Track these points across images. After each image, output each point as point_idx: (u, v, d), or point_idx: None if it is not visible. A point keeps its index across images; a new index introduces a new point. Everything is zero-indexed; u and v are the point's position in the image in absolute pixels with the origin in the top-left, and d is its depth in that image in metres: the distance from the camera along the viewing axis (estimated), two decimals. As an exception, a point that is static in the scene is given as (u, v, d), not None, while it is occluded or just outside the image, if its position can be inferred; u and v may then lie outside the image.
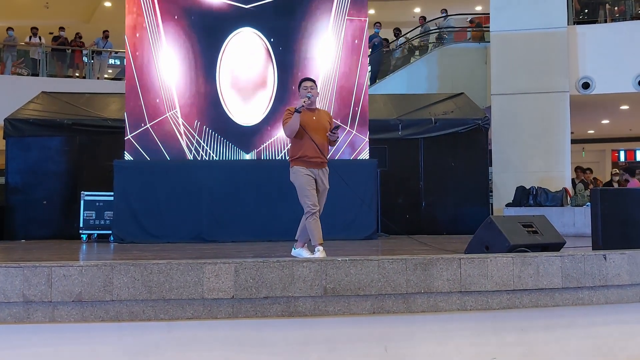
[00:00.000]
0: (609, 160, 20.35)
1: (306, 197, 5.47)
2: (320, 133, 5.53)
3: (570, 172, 12.16)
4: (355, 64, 9.47)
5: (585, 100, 12.46)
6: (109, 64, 17.28)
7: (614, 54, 12.04)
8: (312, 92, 5.55)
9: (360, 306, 4.21)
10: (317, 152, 5.49)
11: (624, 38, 12.11)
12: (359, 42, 9.53)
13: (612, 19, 13.25)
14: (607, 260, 4.56)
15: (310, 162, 5.51)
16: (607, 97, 12.58)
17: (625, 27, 12.53)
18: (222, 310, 4.07)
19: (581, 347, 4.56)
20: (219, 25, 9.29)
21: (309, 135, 5.46)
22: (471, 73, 13.74)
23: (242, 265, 4.09)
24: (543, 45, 11.87)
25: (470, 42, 14.92)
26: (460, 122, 10.80)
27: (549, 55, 11.88)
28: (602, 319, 4.64)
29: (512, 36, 12.05)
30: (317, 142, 5.48)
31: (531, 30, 11.96)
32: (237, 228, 8.56)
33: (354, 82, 9.41)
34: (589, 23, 13.01)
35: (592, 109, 13.84)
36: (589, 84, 12.12)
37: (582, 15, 13.37)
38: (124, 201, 8.59)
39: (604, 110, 14.64)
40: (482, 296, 4.33)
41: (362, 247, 7.31)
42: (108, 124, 10.29)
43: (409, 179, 10.77)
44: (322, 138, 5.53)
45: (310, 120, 5.54)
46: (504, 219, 5.14)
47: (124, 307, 3.98)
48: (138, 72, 9.15)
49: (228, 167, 8.86)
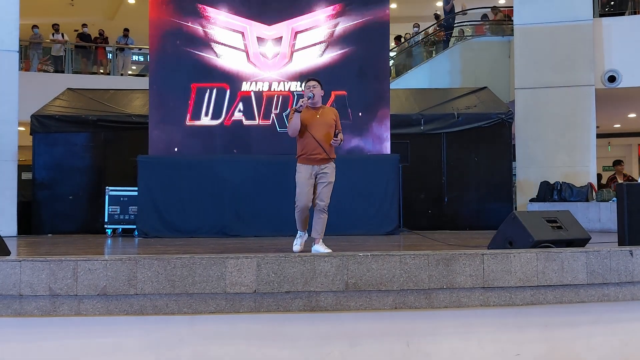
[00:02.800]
0: (635, 154, 20.01)
1: (298, 194, 5.68)
2: (323, 130, 5.61)
3: (596, 167, 11.98)
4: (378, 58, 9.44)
5: (611, 94, 12.25)
6: (132, 60, 17.43)
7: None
8: (313, 91, 5.65)
9: (382, 301, 4.21)
10: (318, 148, 5.56)
11: (651, 30, 11.90)
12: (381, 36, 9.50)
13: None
14: (633, 256, 4.49)
15: (310, 158, 5.62)
16: (634, 90, 12.34)
17: (653, 20, 12.31)
18: (245, 304, 4.10)
19: (607, 343, 4.50)
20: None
21: (310, 133, 5.58)
22: (494, 67, 13.60)
23: (264, 260, 4.11)
24: (568, 39, 11.69)
25: (491, 35, 14.78)
26: (484, 116, 10.71)
27: (573, 49, 11.70)
28: (628, 315, 4.57)
29: (536, 29, 11.88)
30: (318, 138, 5.56)
31: (556, 23, 11.78)
32: (260, 223, 8.60)
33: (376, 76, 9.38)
34: (615, 15, 12.79)
35: (618, 102, 13.60)
36: (615, 77, 11.92)
37: (607, 7, 13.15)
38: (147, 196, 8.67)
39: (630, 103, 14.37)
40: (505, 292, 4.30)
41: (383, 242, 7.29)
42: (132, 120, 10.40)
43: (432, 174, 10.70)
44: (325, 135, 5.60)
45: (313, 118, 5.63)
46: (527, 214, 5.09)
47: (147, 301, 4.04)
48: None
49: (250, 162, 8.90)
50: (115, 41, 16.70)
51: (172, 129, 9.16)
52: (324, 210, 5.62)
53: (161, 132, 9.15)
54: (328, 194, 5.63)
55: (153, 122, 9.17)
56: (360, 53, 9.30)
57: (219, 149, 9.14)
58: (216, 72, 9.27)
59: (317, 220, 5.62)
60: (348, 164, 8.56)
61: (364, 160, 9.08)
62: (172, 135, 9.15)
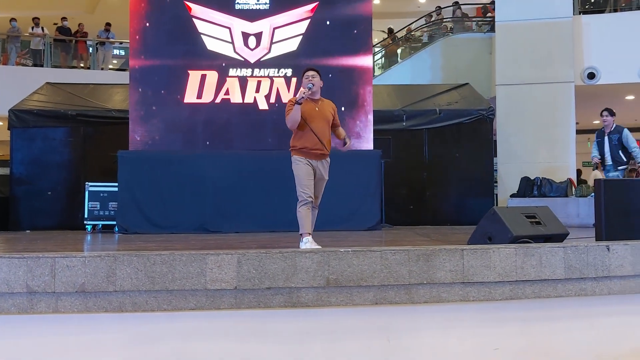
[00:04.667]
0: (614, 150, 20.27)
1: (303, 187, 5.44)
2: (322, 124, 5.47)
3: (576, 163, 12.11)
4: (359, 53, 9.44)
5: (590, 91, 12.39)
6: (113, 54, 17.27)
7: (620, 44, 11.96)
8: (313, 81, 5.45)
9: (362, 297, 4.22)
10: (317, 143, 5.42)
11: (629, 28, 12.03)
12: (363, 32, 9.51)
13: (619, 9, 13.14)
14: (610, 251, 4.55)
15: (310, 153, 5.45)
16: (613, 87, 12.51)
17: (631, 17, 12.44)
18: (225, 301, 4.09)
19: (584, 338, 4.56)
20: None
21: (310, 126, 5.40)
22: (476, 63, 13.68)
23: (245, 256, 4.10)
24: (548, 36, 11.80)
25: (475, 32, 14.87)
26: (465, 112, 10.76)
27: (554, 46, 11.81)
28: (605, 310, 4.63)
29: (517, 26, 11.97)
30: (318, 133, 5.41)
31: (536, 20, 11.88)
32: (241, 219, 8.57)
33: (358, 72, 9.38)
34: (595, 13, 12.92)
35: (597, 99, 13.74)
36: (594, 74, 12.06)
37: (588, 5, 13.28)
38: (128, 192, 8.60)
39: (609, 100, 14.50)
40: (484, 287, 4.33)
41: (365, 237, 7.31)
42: (112, 115, 10.30)
43: (413, 169, 10.74)
44: (324, 129, 5.48)
45: (313, 110, 5.47)
46: (507, 210, 5.13)
47: (127, 297, 4.01)
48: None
49: (232, 158, 8.86)
50: (96, 35, 16.53)
51: (152, 123, 9.10)
52: (316, 207, 5.59)
53: (142, 126, 9.09)
54: (321, 191, 5.60)
55: (133, 116, 9.10)
56: (342, 49, 9.30)
57: (200, 145, 9.10)
58: (201, 63, 9.25)
59: (313, 215, 5.59)
60: (331, 160, 8.55)
61: (346, 156, 9.01)
62: (153, 130, 9.09)
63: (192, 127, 9.19)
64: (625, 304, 4.66)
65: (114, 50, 17.14)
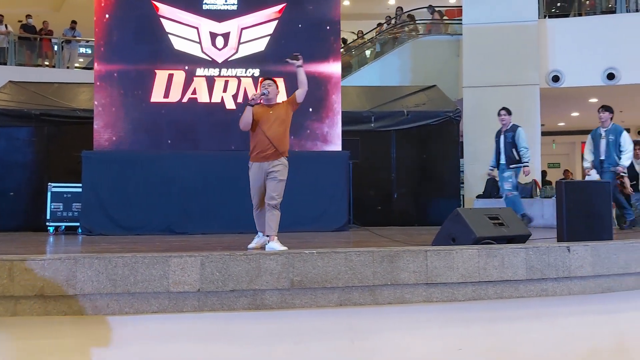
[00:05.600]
0: (578, 152, 20.63)
1: (251, 194, 5.76)
2: (275, 125, 5.66)
3: (541, 164, 12.29)
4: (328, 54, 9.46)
5: (555, 93, 12.60)
6: (79, 52, 16.99)
7: (584, 47, 12.19)
8: (268, 89, 5.71)
9: (327, 298, 4.23)
10: (268, 145, 5.60)
11: (593, 32, 12.26)
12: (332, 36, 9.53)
13: (585, 13, 13.38)
14: (570, 252, 4.63)
15: (259, 156, 5.65)
16: (577, 90, 12.73)
17: (595, 21, 12.68)
18: (188, 303, 4.05)
19: (545, 337, 4.63)
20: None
21: (262, 129, 5.63)
22: (443, 65, 13.80)
23: (209, 258, 4.07)
24: (514, 39, 11.97)
25: (442, 34, 14.99)
26: (432, 114, 10.85)
27: (519, 49, 11.98)
28: (565, 310, 4.72)
29: (484, 29, 12.12)
30: (269, 135, 5.60)
31: (503, 23, 12.04)
32: (208, 220, 8.51)
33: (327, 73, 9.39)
34: (560, 17, 13.14)
35: (562, 101, 13.99)
36: (558, 77, 12.26)
37: (554, 9, 13.50)
38: (92, 192, 8.47)
39: (573, 103, 14.80)
40: (447, 288, 4.37)
41: (332, 239, 7.32)
42: (77, 114, 10.12)
43: (381, 170, 10.79)
44: (277, 130, 5.65)
45: (266, 114, 5.68)
46: (470, 211, 5.18)
47: (87, 301, 3.95)
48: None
49: (199, 158, 8.79)
50: (62, 33, 16.24)
51: (118, 123, 8.98)
52: (275, 207, 5.59)
53: (107, 126, 8.96)
54: (277, 190, 5.59)
55: (99, 116, 8.97)
56: (311, 53, 9.27)
57: (166, 145, 9.01)
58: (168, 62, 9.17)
59: (269, 217, 5.58)
60: (298, 161, 8.49)
61: (315, 157, 9.09)
62: (119, 130, 8.97)
63: (159, 127, 9.09)
64: (585, 304, 4.75)
65: (80, 48, 16.85)
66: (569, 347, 4.69)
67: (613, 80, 12.03)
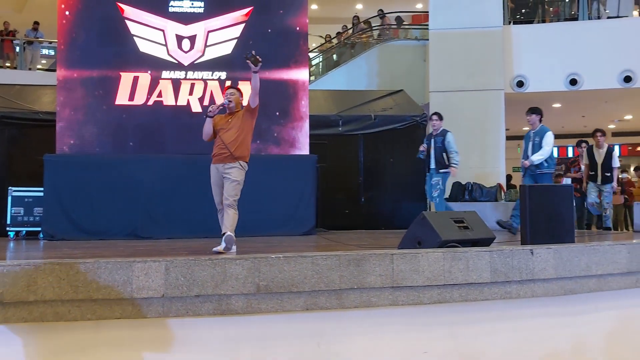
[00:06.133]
0: (543, 156, 21.02)
1: (213, 195, 5.90)
2: (231, 132, 5.80)
3: (506, 168, 12.46)
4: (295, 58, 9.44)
5: (519, 98, 12.78)
6: (42, 54, 16.68)
7: (547, 53, 12.40)
8: (231, 98, 5.91)
9: (293, 303, 4.21)
10: (223, 148, 5.75)
11: (556, 38, 12.49)
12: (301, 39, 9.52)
13: (549, 20, 13.63)
14: (534, 255, 4.70)
15: (215, 158, 5.83)
16: (541, 95, 12.94)
17: (558, 28, 12.94)
18: (152, 309, 4.00)
19: (509, 339, 4.69)
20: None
21: (219, 134, 5.84)
22: (410, 70, 13.90)
23: (173, 263, 4.03)
24: (479, 44, 12.12)
25: (409, 39, 15.13)
26: (399, 118, 10.92)
27: (485, 54, 12.13)
28: (529, 312, 4.79)
29: (450, 34, 12.25)
30: (223, 139, 5.77)
31: (468, 29, 12.19)
32: (173, 224, 8.39)
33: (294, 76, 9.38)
34: (524, 23, 13.36)
35: (526, 106, 14.14)
36: (523, 82, 12.45)
37: (518, 15, 13.72)
38: (54, 197, 8.29)
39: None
40: (413, 291, 4.40)
41: (300, 243, 7.29)
42: (39, 117, 9.90)
43: (349, 174, 10.81)
44: (232, 136, 5.77)
45: (225, 122, 5.89)
46: (436, 215, 5.22)
47: (48, 307, 3.87)
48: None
49: (164, 161, 8.68)
50: (24, 34, 15.93)
51: (82, 126, 8.82)
52: (230, 206, 5.65)
53: (70, 129, 8.79)
54: (231, 191, 5.67)
55: (61, 118, 8.80)
56: (278, 58, 9.25)
57: (131, 148, 8.89)
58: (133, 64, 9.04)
59: (224, 216, 5.67)
60: (266, 165, 8.53)
61: (282, 161, 9.07)
62: (82, 132, 8.81)
63: (123, 130, 8.95)
64: (548, 306, 4.82)
65: (42, 50, 16.56)
66: (531, 349, 4.75)
67: (575, 85, 12.26)
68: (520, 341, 4.67)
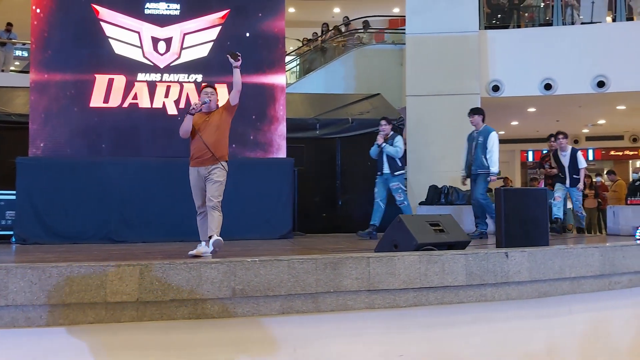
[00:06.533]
0: (518, 160, 21.26)
1: (194, 197, 5.81)
2: (212, 131, 5.74)
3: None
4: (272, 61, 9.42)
5: (495, 103, 12.90)
6: (15, 55, 16.42)
7: (523, 58, 12.54)
8: (211, 97, 5.82)
9: (269, 307, 4.19)
10: (203, 150, 5.67)
11: (532, 43, 12.62)
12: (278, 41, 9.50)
13: (524, 25, 13.78)
14: (508, 258, 4.74)
15: (197, 161, 5.73)
16: (516, 99, 13.09)
17: (533, 33, 13.07)
18: (126, 314, 3.95)
19: (484, 342, 4.72)
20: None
21: (199, 135, 5.72)
22: (387, 74, 13.95)
23: (148, 267, 3.98)
24: (456, 49, 12.20)
25: (386, 43, 15.19)
26: (376, 122, 10.84)
27: (461, 58, 12.22)
28: (504, 314, 4.82)
29: (426, 39, 12.32)
30: (206, 140, 5.67)
31: (445, 33, 12.27)
32: (148, 228, 8.31)
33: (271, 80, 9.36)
34: (500, 28, 13.50)
35: (502, 111, 14.34)
36: (498, 86, 12.57)
37: (494, 20, 13.85)
38: (27, 200, 8.16)
39: (513, 112, 15.22)
40: (389, 294, 4.41)
41: (276, 246, 7.27)
42: (12, 119, 9.76)
43: (326, 177, 10.82)
44: (213, 137, 5.72)
45: (203, 121, 5.78)
46: (412, 218, 5.24)
47: (19, 312, 3.81)
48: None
49: (139, 164, 8.60)
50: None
51: (55, 128, 8.70)
52: (214, 207, 5.61)
53: (43, 131, 8.67)
54: (215, 192, 5.62)
55: (34, 120, 8.67)
56: (255, 61, 9.21)
57: (105, 151, 8.79)
58: (108, 66, 8.94)
59: (209, 218, 5.62)
60: (243, 168, 8.49)
61: (259, 164, 9.04)
62: (56, 135, 8.70)
63: (98, 132, 8.85)
64: (522, 309, 4.87)
65: (15, 51, 16.30)
66: (506, 351, 4.79)
67: (550, 90, 12.40)
68: (496, 343, 4.71)
